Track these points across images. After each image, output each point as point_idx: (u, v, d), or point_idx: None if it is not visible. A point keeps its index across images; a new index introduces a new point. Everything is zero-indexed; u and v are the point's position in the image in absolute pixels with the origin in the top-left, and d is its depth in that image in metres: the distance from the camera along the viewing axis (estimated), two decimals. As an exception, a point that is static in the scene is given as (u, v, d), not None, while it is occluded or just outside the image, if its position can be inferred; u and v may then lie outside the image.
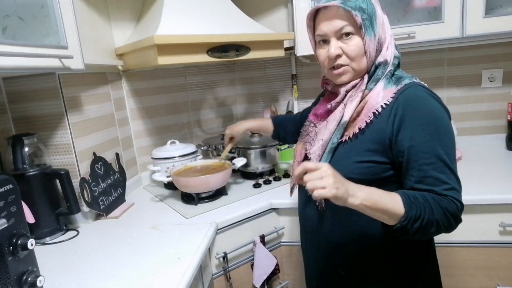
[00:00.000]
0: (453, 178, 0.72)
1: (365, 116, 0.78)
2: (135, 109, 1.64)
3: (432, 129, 0.72)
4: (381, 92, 0.78)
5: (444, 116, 0.75)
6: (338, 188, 0.65)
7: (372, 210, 0.69)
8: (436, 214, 0.70)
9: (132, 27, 1.56)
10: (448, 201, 0.71)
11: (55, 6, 0.96)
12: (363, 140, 0.78)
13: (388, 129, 0.75)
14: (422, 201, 0.70)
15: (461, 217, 0.73)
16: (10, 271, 0.71)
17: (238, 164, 1.45)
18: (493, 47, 1.64)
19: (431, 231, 0.71)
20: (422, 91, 0.76)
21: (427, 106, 0.74)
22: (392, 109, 0.75)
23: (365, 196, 0.68)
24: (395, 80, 0.79)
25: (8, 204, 0.73)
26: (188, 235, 1.09)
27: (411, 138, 0.73)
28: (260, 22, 1.64)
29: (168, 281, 0.85)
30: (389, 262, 0.83)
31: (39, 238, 1.13)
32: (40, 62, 0.90)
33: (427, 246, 0.86)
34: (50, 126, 1.20)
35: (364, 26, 0.76)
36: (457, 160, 1.51)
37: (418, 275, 0.84)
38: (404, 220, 0.69)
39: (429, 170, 0.72)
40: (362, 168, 0.77)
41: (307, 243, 0.98)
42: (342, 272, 0.88)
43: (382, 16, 0.80)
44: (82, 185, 1.21)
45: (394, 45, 0.82)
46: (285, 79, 1.92)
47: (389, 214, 0.69)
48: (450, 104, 1.74)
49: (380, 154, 0.76)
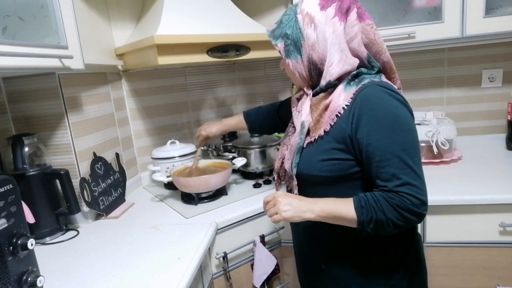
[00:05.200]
0: (409, 173, 0.73)
1: (329, 118, 0.81)
2: (135, 109, 1.64)
3: (387, 126, 0.74)
4: (342, 95, 0.80)
5: (401, 113, 0.76)
6: (286, 211, 0.79)
7: (329, 220, 0.79)
8: (387, 213, 0.73)
9: (132, 27, 1.56)
10: (399, 197, 0.73)
11: (55, 6, 0.96)
12: (328, 140, 0.81)
13: (348, 128, 0.78)
14: (373, 203, 0.74)
15: (422, 210, 0.74)
16: (10, 271, 0.71)
17: (238, 164, 1.45)
18: (493, 47, 1.64)
19: (389, 228, 0.75)
20: (379, 90, 0.77)
21: (382, 105, 0.76)
22: (351, 109, 0.78)
23: (319, 209, 0.78)
24: (357, 81, 0.80)
25: (8, 204, 0.73)
26: (188, 235, 1.09)
27: (367, 136, 0.75)
28: (260, 22, 1.64)
29: (168, 281, 0.85)
30: (368, 254, 0.85)
31: (39, 238, 1.13)
32: (40, 62, 0.90)
33: (407, 238, 0.87)
34: (50, 126, 1.20)
35: (287, 51, 0.85)
36: (457, 160, 1.53)
37: (398, 267, 0.86)
38: (359, 224, 0.76)
39: (384, 166, 0.74)
40: (328, 166, 0.81)
41: (294, 238, 1.03)
42: (323, 266, 0.91)
43: (322, 35, 0.79)
44: (82, 185, 1.21)
45: (365, 54, 0.80)
46: (285, 79, 1.92)
47: (346, 221, 0.77)
48: (450, 104, 1.74)
49: (344, 152, 0.80)
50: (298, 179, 0.87)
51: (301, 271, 1.03)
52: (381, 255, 0.85)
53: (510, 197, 1.15)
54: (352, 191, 0.80)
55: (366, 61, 0.81)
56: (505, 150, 1.64)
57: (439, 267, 1.24)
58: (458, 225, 1.21)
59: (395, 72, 0.86)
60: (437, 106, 1.76)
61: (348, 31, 0.79)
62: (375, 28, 0.81)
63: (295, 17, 0.83)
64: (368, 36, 0.80)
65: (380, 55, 0.82)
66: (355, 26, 0.79)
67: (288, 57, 0.86)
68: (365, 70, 0.82)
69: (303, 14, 0.82)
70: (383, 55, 0.83)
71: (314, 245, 0.93)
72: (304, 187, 0.87)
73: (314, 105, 0.85)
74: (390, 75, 0.86)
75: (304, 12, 0.82)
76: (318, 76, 0.84)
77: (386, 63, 0.84)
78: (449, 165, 1.50)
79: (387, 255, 0.85)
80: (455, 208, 1.19)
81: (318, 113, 0.84)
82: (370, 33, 0.80)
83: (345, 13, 0.79)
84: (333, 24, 0.79)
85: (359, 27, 0.79)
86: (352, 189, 0.81)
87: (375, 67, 0.82)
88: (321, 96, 0.84)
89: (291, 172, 0.88)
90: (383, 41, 0.82)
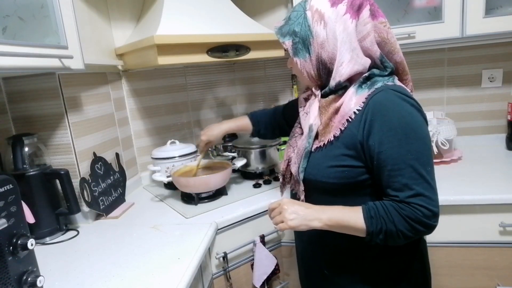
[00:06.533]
0: (422, 184, 0.71)
1: (339, 123, 0.78)
2: (135, 109, 1.64)
3: (401, 134, 0.71)
4: (353, 98, 0.76)
5: (416, 120, 0.73)
6: (292, 220, 0.77)
7: (337, 229, 0.77)
8: (398, 224, 0.71)
9: (132, 27, 1.56)
10: (411, 209, 0.70)
11: (55, 6, 0.96)
12: (338, 145, 0.78)
13: (359, 134, 0.75)
14: (383, 213, 0.72)
15: (433, 221, 0.71)
16: (10, 271, 0.71)
17: (238, 164, 1.45)
18: (493, 47, 1.64)
19: (399, 239, 0.73)
20: (393, 95, 0.74)
21: (396, 111, 0.72)
22: (363, 115, 0.75)
23: (327, 218, 0.76)
24: (369, 84, 0.77)
25: (8, 204, 0.73)
26: (188, 235, 1.09)
27: (380, 143, 0.72)
28: (260, 22, 1.64)
29: (168, 281, 0.85)
30: (372, 261, 0.83)
31: (39, 238, 1.13)
32: (40, 62, 0.90)
33: (413, 246, 0.85)
34: (50, 126, 1.20)
35: (294, 49, 0.81)
36: (457, 160, 1.53)
37: (403, 275, 0.84)
38: (367, 235, 0.73)
39: (396, 176, 0.72)
40: (337, 173, 0.78)
41: (297, 242, 1.01)
42: (325, 271, 0.89)
43: (332, 33, 0.76)
44: (82, 185, 1.21)
45: (378, 54, 0.77)
46: (285, 79, 1.92)
47: (355, 230, 0.75)
48: (450, 104, 1.74)
49: (354, 158, 0.77)
50: (305, 184, 0.85)
51: (304, 276, 1.01)
52: (386, 261, 0.83)
53: (510, 197, 1.14)
54: (360, 198, 0.78)
55: (379, 61, 0.78)
56: (505, 150, 1.64)
57: (439, 267, 1.24)
58: (458, 225, 1.21)
59: (407, 74, 0.83)
60: (437, 106, 1.76)
61: (360, 29, 0.76)
62: (388, 27, 0.78)
63: (304, 14, 0.80)
64: (381, 35, 0.77)
65: (393, 55, 0.79)
66: (367, 24, 0.75)
67: (296, 55, 0.82)
68: (377, 72, 0.78)
69: (312, 10, 0.79)
70: (396, 55, 0.79)
71: (317, 250, 0.91)
72: (310, 193, 0.85)
73: (323, 107, 0.82)
74: (402, 76, 0.83)
75: (314, 8, 0.78)
76: (327, 76, 0.81)
77: (399, 64, 0.81)
78: (449, 165, 1.50)
79: (392, 262, 0.83)
80: (455, 208, 1.19)
81: (327, 116, 0.80)
82: (383, 31, 0.77)
83: (357, 10, 0.76)
84: (344, 22, 0.75)
85: (372, 25, 0.76)
86: (360, 196, 0.79)
87: (388, 67, 0.78)
88: (331, 98, 0.81)
89: (297, 176, 0.85)
90: (396, 41, 0.79)
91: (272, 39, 1.48)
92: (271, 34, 1.48)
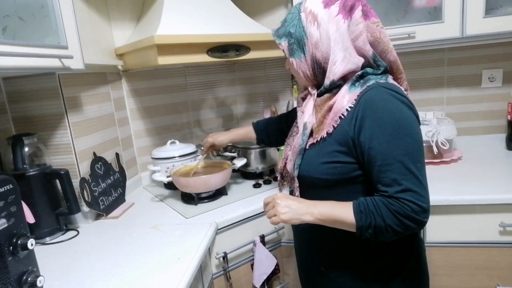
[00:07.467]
0: (411, 179, 0.71)
1: (332, 120, 0.80)
2: (135, 109, 1.64)
3: (390, 130, 0.72)
4: (346, 96, 0.78)
5: (406, 117, 0.74)
6: (284, 213, 0.80)
7: (328, 223, 0.79)
8: (387, 219, 0.72)
9: (132, 27, 1.56)
10: (400, 204, 0.71)
11: (55, 6, 0.96)
12: (330, 142, 0.80)
13: (351, 131, 0.76)
14: (373, 208, 0.73)
15: (422, 217, 0.72)
16: (10, 271, 0.71)
17: (238, 164, 1.45)
18: (493, 47, 1.64)
19: (388, 234, 0.73)
20: (384, 92, 0.75)
21: (386, 107, 0.74)
22: (354, 112, 0.76)
23: (318, 212, 0.78)
24: (362, 82, 0.79)
25: (8, 204, 0.73)
26: (188, 235, 1.09)
27: (370, 139, 0.74)
28: (260, 22, 1.64)
29: (168, 281, 0.85)
30: (368, 259, 0.85)
31: (39, 238, 1.13)
32: (40, 62, 0.90)
33: (408, 245, 0.86)
34: (50, 126, 1.20)
35: (290, 50, 0.84)
36: (457, 160, 1.53)
37: (398, 272, 0.85)
38: (357, 229, 0.75)
39: (385, 171, 0.73)
40: (330, 169, 0.80)
41: (294, 240, 1.03)
42: (322, 268, 0.91)
43: (326, 33, 0.78)
44: (82, 185, 1.21)
45: (371, 53, 0.79)
46: (285, 79, 1.92)
47: (345, 225, 0.77)
48: (450, 104, 1.74)
49: (346, 154, 0.78)
50: (300, 181, 0.86)
51: (302, 272, 1.03)
52: (380, 260, 0.84)
53: (510, 197, 1.14)
54: (353, 194, 0.79)
55: (372, 60, 0.79)
56: (505, 150, 1.64)
57: (439, 267, 1.24)
58: (458, 225, 1.21)
59: (402, 72, 0.84)
60: (437, 106, 1.76)
61: (353, 29, 0.78)
62: (381, 27, 0.79)
63: (299, 15, 0.82)
64: (373, 35, 0.78)
65: (386, 54, 0.80)
66: (359, 24, 0.77)
67: (292, 56, 0.84)
68: (371, 70, 0.80)
69: (306, 12, 0.81)
70: (389, 54, 0.80)
71: (314, 247, 0.93)
72: (305, 189, 0.87)
73: (318, 105, 0.84)
74: (396, 75, 0.83)
75: (308, 10, 0.81)
76: (322, 75, 0.83)
77: (392, 63, 0.81)
78: (449, 165, 1.50)
79: (386, 261, 0.84)
80: (455, 208, 1.19)
81: (321, 114, 0.82)
82: (376, 31, 0.78)
83: (349, 11, 0.78)
84: (337, 22, 0.78)
85: (364, 25, 0.77)
86: (353, 192, 0.80)
87: (381, 66, 0.80)
88: (326, 96, 0.83)
89: (293, 173, 0.87)
90: (389, 40, 0.80)
91: (272, 39, 1.48)
92: (271, 34, 1.48)
